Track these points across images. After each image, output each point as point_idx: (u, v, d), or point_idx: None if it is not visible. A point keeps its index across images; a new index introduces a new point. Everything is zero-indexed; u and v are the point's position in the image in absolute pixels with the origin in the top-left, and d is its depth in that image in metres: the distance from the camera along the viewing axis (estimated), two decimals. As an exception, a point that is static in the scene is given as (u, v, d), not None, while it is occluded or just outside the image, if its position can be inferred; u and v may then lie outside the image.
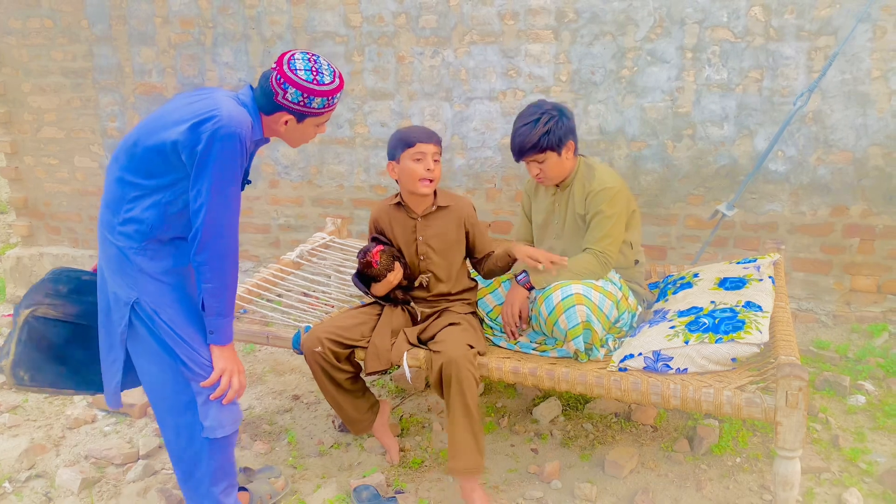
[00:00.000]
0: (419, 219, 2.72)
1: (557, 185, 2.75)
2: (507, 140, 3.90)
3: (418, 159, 2.58)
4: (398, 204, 2.75)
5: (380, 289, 2.73)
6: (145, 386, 2.22)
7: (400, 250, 2.76)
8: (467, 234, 2.77)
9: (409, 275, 2.76)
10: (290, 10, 4.11)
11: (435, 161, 2.60)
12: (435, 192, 2.71)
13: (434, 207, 2.71)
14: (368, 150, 4.22)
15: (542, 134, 2.56)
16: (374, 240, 2.80)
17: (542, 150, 2.58)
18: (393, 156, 2.65)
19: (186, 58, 4.37)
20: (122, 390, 2.24)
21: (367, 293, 2.78)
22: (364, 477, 2.65)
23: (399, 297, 2.78)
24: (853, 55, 3.34)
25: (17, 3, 4.57)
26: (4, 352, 2.25)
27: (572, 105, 3.76)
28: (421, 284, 2.77)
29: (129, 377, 2.24)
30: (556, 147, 2.59)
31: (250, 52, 4.25)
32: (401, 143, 2.61)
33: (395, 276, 2.69)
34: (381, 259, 2.67)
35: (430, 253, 2.72)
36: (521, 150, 2.61)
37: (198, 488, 2.24)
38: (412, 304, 2.79)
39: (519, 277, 2.65)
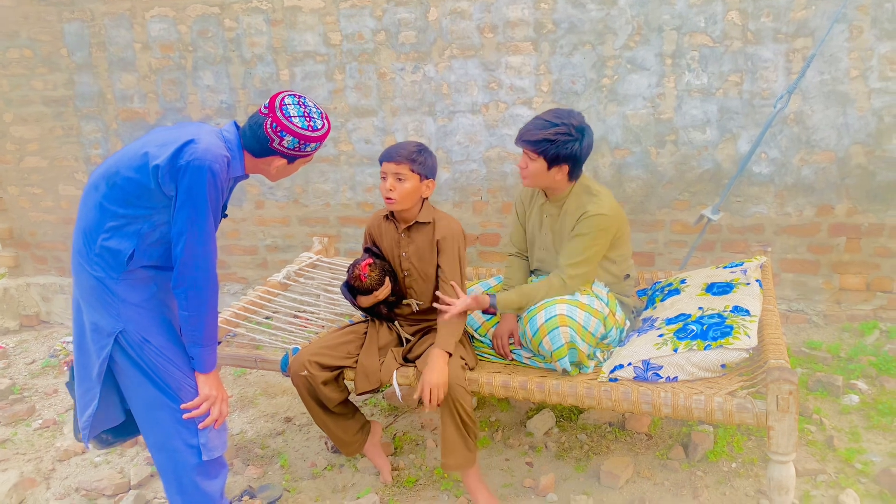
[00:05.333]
0: (403, 233, 2.71)
1: (547, 198, 2.72)
2: (491, 153, 3.94)
3: (383, 177, 2.59)
4: (387, 216, 2.74)
5: (365, 301, 2.71)
6: (137, 414, 2.21)
7: (391, 264, 2.75)
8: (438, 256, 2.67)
9: (398, 291, 2.75)
10: (270, 31, 4.11)
11: (399, 180, 2.55)
12: (423, 207, 2.66)
13: (414, 222, 2.67)
14: (353, 167, 4.22)
15: (545, 138, 2.49)
16: (366, 251, 2.78)
17: (535, 152, 2.52)
18: None
19: (168, 82, 4.37)
20: (96, 428, 2.22)
21: (353, 304, 2.77)
22: (358, 498, 2.63)
23: (383, 313, 2.76)
24: (831, 55, 3.36)
25: (-5, 33, 4.57)
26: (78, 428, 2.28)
27: (555, 115, 3.77)
28: (410, 307, 2.75)
29: (106, 413, 2.22)
30: (549, 160, 2.52)
31: (231, 75, 4.25)
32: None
33: (383, 291, 2.68)
34: (370, 273, 2.66)
35: (411, 269, 2.70)
36: (521, 135, 2.55)
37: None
38: (396, 322, 2.78)
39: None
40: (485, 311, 2.64)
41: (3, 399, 3.70)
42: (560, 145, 2.49)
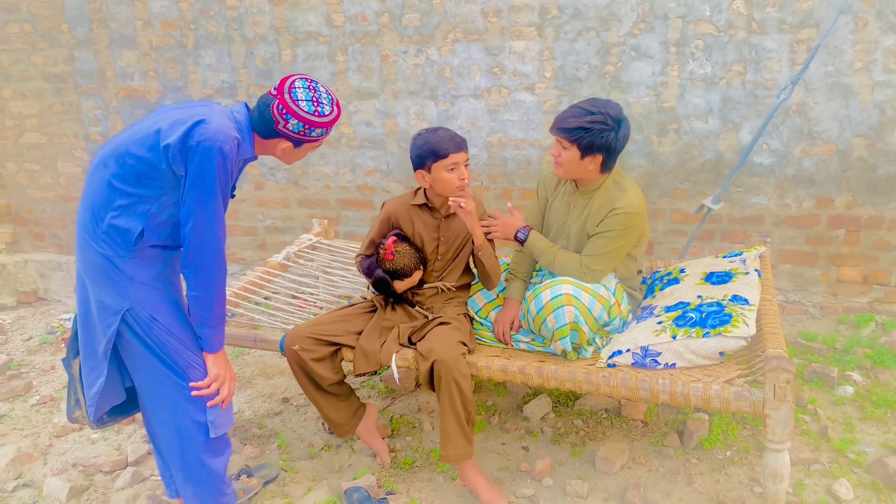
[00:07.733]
0: (443, 219, 2.72)
1: (577, 188, 2.66)
2: (493, 138, 3.93)
3: (452, 169, 2.56)
4: (422, 205, 2.72)
5: (401, 286, 2.70)
6: (143, 392, 2.21)
7: (418, 249, 2.74)
8: None
9: (421, 276, 2.76)
10: (272, 10, 4.09)
11: (466, 166, 2.59)
12: None
13: None
14: (354, 150, 4.21)
15: (580, 126, 2.44)
16: (395, 234, 2.75)
17: (569, 140, 2.48)
18: (421, 164, 2.60)
19: (168, 60, 4.34)
20: (101, 407, 2.21)
21: (386, 293, 2.74)
22: (355, 479, 2.64)
23: (410, 298, 2.77)
24: (835, 47, 3.36)
25: (-5, 7, 4.53)
26: (73, 402, 2.30)
27: (557, 102, 3.76)
28: (440, 290, 2.76)
29: (110, 391, 2.20)
30: (582, 149, 2.47)
31: (233, 54, 4.22)
32: (431, 154, 2.56)
33: (417, 275, 2.70)
34: (397, 249, 2.65)
35: (447, 252, 2.73)
36: (557, 123, 2.52)
37: (206, 484, 2.24)
38: (417, 307, 2.77)
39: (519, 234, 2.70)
40: (514, 238, 2.69)
41: (1, 375, 3.71)
42: (595, 134, 2.43)
